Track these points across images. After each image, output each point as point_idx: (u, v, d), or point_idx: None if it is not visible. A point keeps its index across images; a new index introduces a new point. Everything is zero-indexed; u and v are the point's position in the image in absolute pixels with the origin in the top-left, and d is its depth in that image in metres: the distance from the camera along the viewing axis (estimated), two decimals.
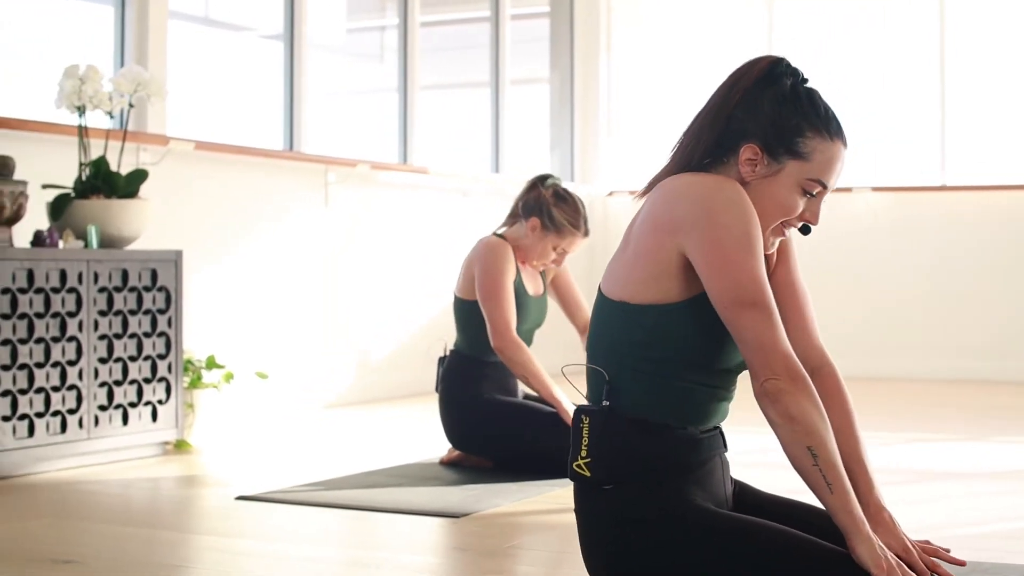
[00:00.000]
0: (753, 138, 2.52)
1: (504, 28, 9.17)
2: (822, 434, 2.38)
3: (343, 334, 7.46)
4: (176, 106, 6.74)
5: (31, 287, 4.85)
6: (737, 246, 2.41)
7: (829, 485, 2.38)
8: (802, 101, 2.54)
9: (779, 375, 2.38)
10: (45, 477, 4.85)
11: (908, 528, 3.84)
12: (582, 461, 2.53)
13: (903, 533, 2.55)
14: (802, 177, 2.52)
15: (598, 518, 2.55)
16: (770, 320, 2.40)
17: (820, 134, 2.53)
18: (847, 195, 8.96)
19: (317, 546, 3.75)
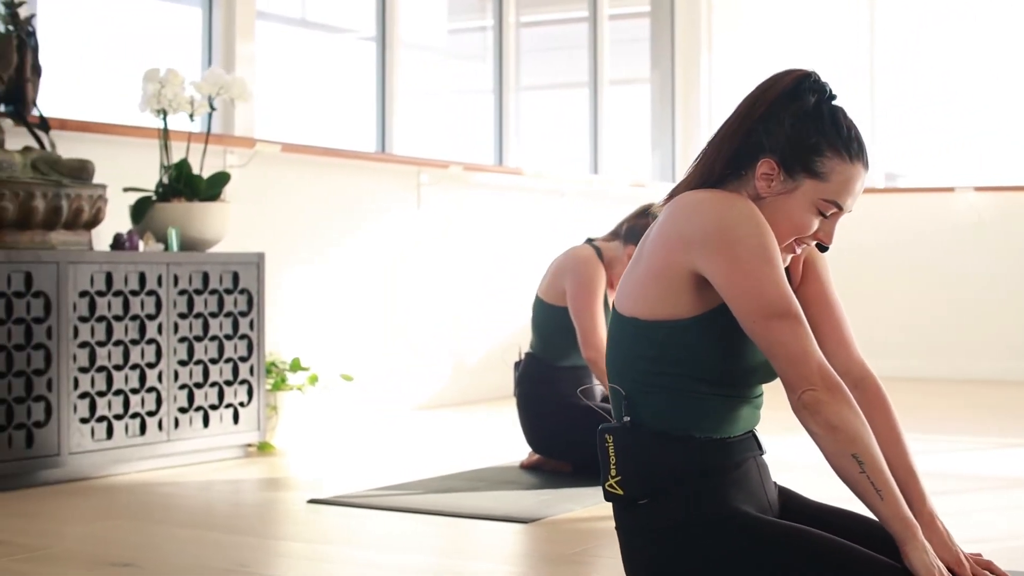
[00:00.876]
0: (771, 153, 2.46)
1: (602, 28, 9.10)
2: (866, 441, 2.31)
3: (436, 336, 7.43)
4: (269, 109, 6.76)
5: (109, 290, 4.87)
6: (756, 259, 2.35)
7: (879, 492, 2.31)
8: (824, 119, 2.47)
9: (816, 385, 2.32)
10: (124, 479, 4.87)
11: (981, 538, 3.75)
12: (613, 480, 2.49)
13: (957, 545, 2.45)
14: (818, 197, 2.46)
15: (638, 533, 2.50)
16: (800, 330, 2.34)
17: (839, 155, 2.45)
18: (949, 195, 8.78)
19: (380, 552, 3.71)
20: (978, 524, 4.04)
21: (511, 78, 8.34)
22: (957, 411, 7.13)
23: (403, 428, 6.50)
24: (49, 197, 4.76)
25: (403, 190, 7.23)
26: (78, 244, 4.91)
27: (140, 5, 6.37)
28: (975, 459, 5.46)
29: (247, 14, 6.32)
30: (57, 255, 4.71)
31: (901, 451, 2.54)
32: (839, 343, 2.62)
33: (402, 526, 4.05)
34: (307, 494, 4.56)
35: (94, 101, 6.03)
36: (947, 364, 8.74)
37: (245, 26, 6.32)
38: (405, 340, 7.23)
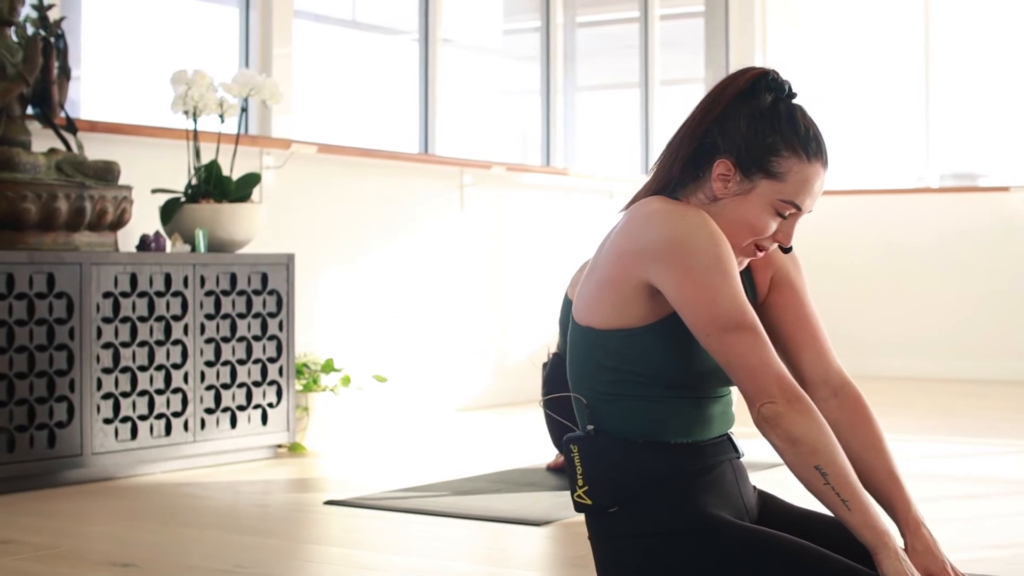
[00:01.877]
0: (727, 154, 2.40)
1: (653, 28, 9.05)
2: (829, 451, 2.25)
3: (479, 337, 7.41)
4: (310, 110, 6.78)
5: (134, 291, 4.89)
6: (709, 271, 2.30)
7: (845, 502, 2.26)
8: (781, 118, 2.40)
9: (774, 398, 2.26)
10: (148, 479, 4.89)
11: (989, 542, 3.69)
12: (581, 491, 2.44)
13: (943, 554, 2.39)
14: (775, 198, 2.39)
15: (610, 542, 2.45)
16: (756, 341, 2.28)
17: (796, 154, 2.38)
18: (1004, 195, 8.65)
19: (384, 554, 3.70)
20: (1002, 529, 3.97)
21: (558, 78, 8.31)
22: (995, 412, 7.02)
23: (438, 430, 6.49)
24: (72, 199, 4.79)
25: (446, 191, 7.21)
26: (103, 245, 4.93)
27: (181, 6, 6.40)
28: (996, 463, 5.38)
29: (284, 14, 6.34)
30: (80, 256, 4.73)
31: (883, 458, 2.49)
32: (816, 352, 2.55)
33: (411, 528, 4.03)
34: (329, 496, 4.55)
35: (136, 103, 6.06)
36: (1002, 366, 8.60)
37: (282, 27, 6.33)
38: (447, 342, 7.21)
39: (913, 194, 9.08)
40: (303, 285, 6.15)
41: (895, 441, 5.66)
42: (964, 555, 3.44)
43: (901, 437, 5.99)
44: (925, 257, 8.90)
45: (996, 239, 8.71)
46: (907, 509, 2.43)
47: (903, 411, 7.07)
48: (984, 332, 8.70)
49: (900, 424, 6.43)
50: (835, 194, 9.29)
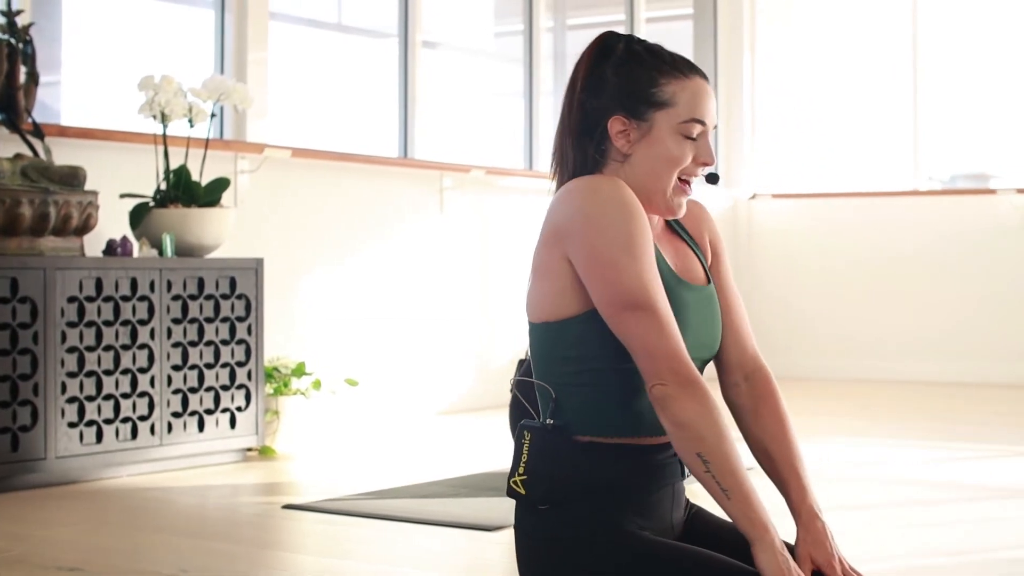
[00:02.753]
0: (612, 111, 2.40)
1: (639, 32, 9.05)
2: (713, 440, 2.25)
3: (459, 341, 7.43)
4: (287, 113, 6.80)
5: (99, 295, 4.92)
6: (614, 247, 2.29)
7: (725, 491, 2.25)
8: (642, 55, 2.41)
9: (665, 380, 2.26)
10: (113, 483, 4.92)
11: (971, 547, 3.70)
12: (519, 478, 2.43)
13: (834, 546, 2.40)
14: (675, 123, 2.38)
15: (534, 537, 2.45)
16: (654, 322, 2.28)
17: (674, 76, 2.39)
18: (991, 197, 8.66)
19: (340, 559, 3.72)
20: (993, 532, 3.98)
21: (541, 81, 8.33)
22: (988, 417, 7.02)
23: (414, 433, 6.50)
24: (36, 204, 4.82)
25: (426, 195, 7.23)
26: (68, 250, 4.96)
27: (160, 11, 6.43)
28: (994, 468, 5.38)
29: (260, 17, 6.36)
30: (44, 261, 4.77)
31: (786, 447, 2.49)
32: (734, 334, 2.55)
33: (368, 533, 4.05)
34: (292, 499, 4.58)
35: (115, 108, 6.09)
36: (989, 368, 8.61)
37: (258, 30, 6.35)
38: (426, 345, 7.23)
39: (901, 197, 9.08)
40: (278, 290, 6.18)
41: (888, 447, 5.69)
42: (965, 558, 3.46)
43: (891, 441, 6.01)
44: (916, 260, 8.90)
45: (985, 242, 8.71)
46: (802, 499, 2.44)
47: (892, 415, 7.08)
48: (975, 335, 8.70)
49: (888, 429, 6.44)
50: (825, 197, 9.31)
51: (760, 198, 9.52)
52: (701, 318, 2.44)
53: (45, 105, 5.84)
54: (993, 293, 8.68)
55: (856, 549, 3.75)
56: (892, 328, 8.93)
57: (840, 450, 5.72)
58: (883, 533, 3.98)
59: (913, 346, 8.84)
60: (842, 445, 5.89)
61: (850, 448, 5.82)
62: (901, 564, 3.55)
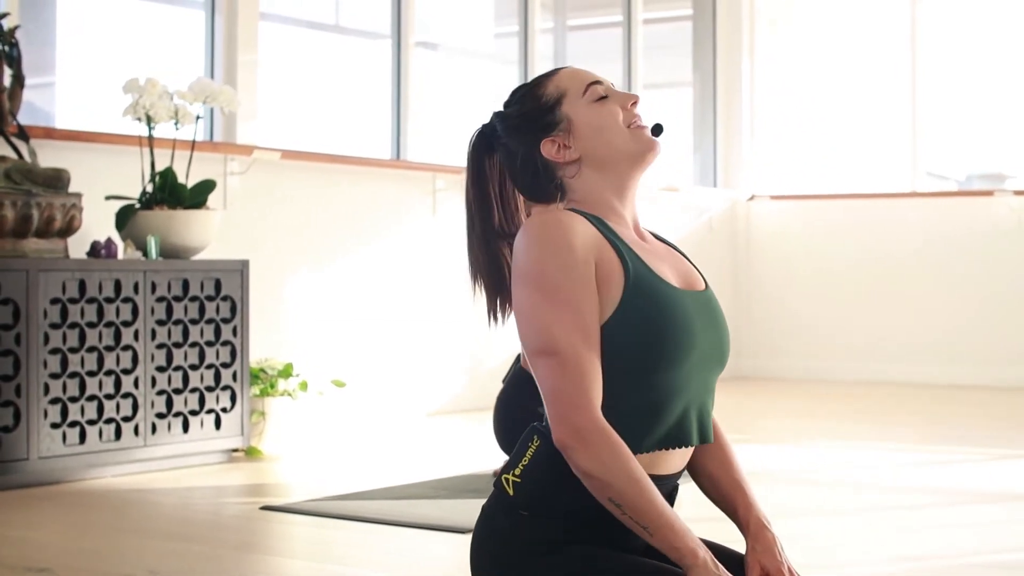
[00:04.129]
0: (535, 144, 2.45)
1: (637, 32, 9.06)
2: (620, 484, 2.24)
3: (452, 342, 7.44)
4: (280, 115, 6.82)
5: (83, 297, 4.94)
6: (531, 290, 2.31)
7: (645, 528, 2.26)
8: (513, 98, 2.50)
9: (564, 430, 2.26)
10: (96, 483, 4.94)
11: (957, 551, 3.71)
12: (512, 478, 2.43)
13: (783, 556, 2.41)
14: (580, 100, 2.44)
15: (499, 534, 2.44)
16: (560, 370, 2.27)
17: (543, 82, 2.48)
18: (988, 199, 8.65)
19: (312, 561, 3.74)
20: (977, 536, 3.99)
21: None
22: (982, 420, 7.02)
23: (402, 435, 6.52)
24: (19, 206, 4.84)
25: (418, 196, 7.25)
26: (52, 252, 4.99)
27: (153, 13, 6.45)
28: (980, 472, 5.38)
29: (250, 19, 6.37)
30: (27, 263, 4.79)
31: (727, 468, 2.50)
32: None
33: (337, 535, 4.07)
34: (272, 500, 4.60)
35: (106, 111, 6.11)
36: (985, 370, 8.60)
37: (248, 31, 6.37)
38: (418, 347, 7.25)
39: (899, 199, 9.07)
40: (267, 291, 6.20)
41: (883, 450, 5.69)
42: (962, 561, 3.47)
43: (887, 445, 6.01)
44: (913, 262, 8.90)
45: (982, 245, 8.71)
46: (748, 512, 2.45)
47: (888, 417, 7.08)
48: (972, 338, 8.69)
49: (883, 432, 6.45)
50: (823, 198, 9.30)
51: (758, 199, 9.52)
52: (705, 323, 2.41)
53: (38, 108, 5.87)
54: (990, 296, 8.67)
55: (848, 553, 3.77)
56: (889, 330, 8.93)
57: (836, 453, 5.72)
58: (877, 536, 3.99)
59: (910, 348, 8.84)
60: (838, 448, 5.89)
61: (847, 451, 5.82)
62: (896, 568, 3.56)
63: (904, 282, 8.91)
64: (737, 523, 2.47)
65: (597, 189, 2.45)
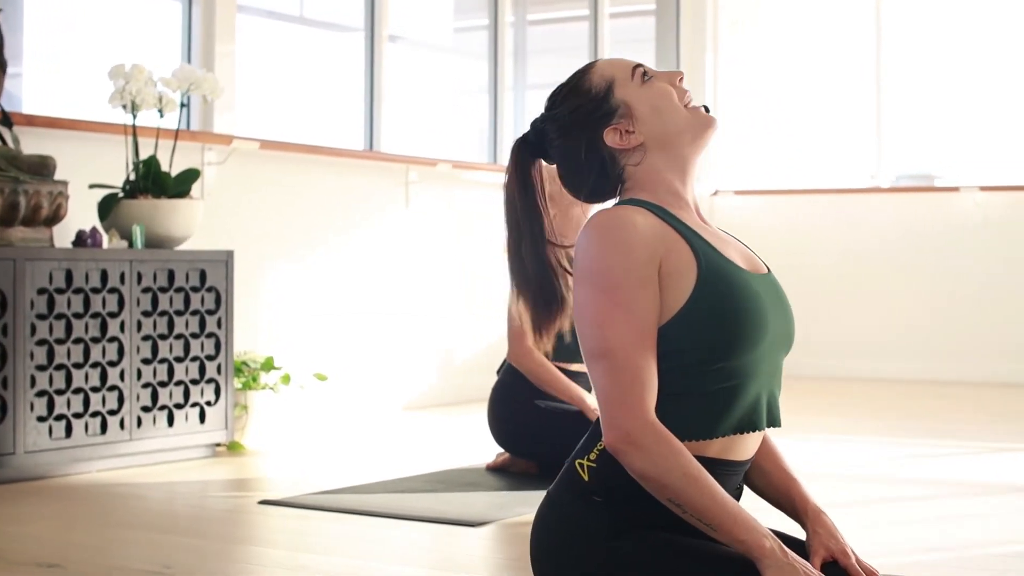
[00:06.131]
0: (597, 137, 2.43)
1: (603, 27, 9.03)
2: (677, 484, 2.22)
3: (425, 335, 7.38)
4: (256, 105, 6.73)
5: (69, 287, 4.84)
6: (589, 289, 2.29)
7: (709, 526, 2.24)
8: (559, 95, 2.49)
9: (615, 435, 2.24)
10: (82, 478, 4.84)
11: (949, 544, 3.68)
12: (587, 463, 2.38)
13: (844, 538, 2.42)
14: (629, 85, 2.43)
15: (572, 519, 2.38)
16: (612, 372, 2.25)
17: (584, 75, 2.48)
18: (954, 194, 8.69)
19: (316, 555, 3.66)
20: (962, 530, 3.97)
21: (506, 76, 8.29)
22: (954, 414, 7.04)
23: (382, 428, 6.45)
24: (6, 193, 4.73)
25: (391, 188, 7.18)
26: (38, 241, 4.88)
27: (119, 1, 6.34)
28: (963, 464, 5.37)
29: (227, 9, 6.28)
30: (14, 252, 4.68)
31: (775, 461, 2.51)
32: None
33: (351, 529, 3.99)
34: (265, 495, 4.52)
35: (78, 98, 6.00)
36: (951, 366, 8.64)
37: (225, 22, 6.28)
38: (394, 340, 7.18)
39: (865, 194, 9.09)
40: (245, 283, 6.10)
41: (852, 443, 5.67)
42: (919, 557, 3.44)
43: (857, 438, 5.99)
44: (878, 257, 8.92)
45: (949, 240, 8.74)
46: (805, 500, 2.47)
47: (860, 412, 7.08)
48: (937, 333, 8.72)
49: (856, 426, 6.44)
50: (788, 193, 9.31)
51: (722, 194, 9.51)
52: (775, 306, 2.40)
53: (9, 93, 5.75)
54: (955, 291, 8.71)
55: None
56: (854, 326, 8.95)
57: (807, 448, 5.69)
58: (855, 532, 3.96)
59: (875, 344, 8.86)
60: (807, 443, 5.87)
61: (816, 445, 5.80)
62: (879, 563, 3.53)
63: (869, 278, 8.93)
64: (793, 512, 2.49)
65: (660, 174, 2.44)
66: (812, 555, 2.37)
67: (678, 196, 2.44)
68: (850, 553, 2.38)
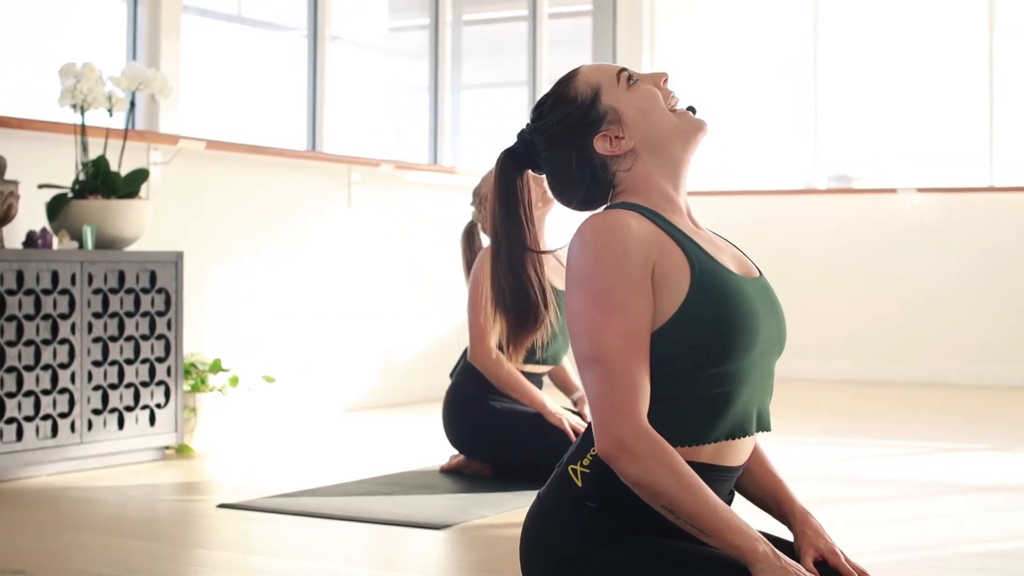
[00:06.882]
0: (587, 145, 2.42)
1: (542, 27, 9.04)
2: (671, 491, 2.21)
3: (366, 337, 7.36)
4: (198, 105, 6.68)
5: (20, 288, 4.78)
6: (582, 295, 2.27)
7: (703, 532, 2.24)
8: (544, 105, 2.47)
9: (607, 442, 2.23)
10: (34, 482, 4.78)
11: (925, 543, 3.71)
12: (581, 468, 2.37)
13: (830, 539, 2.44)
14: (616, 90, 2.41)
15: (564, 524, 2.38)
16: (605, 378, 2.24)
17: (569, 82, 2.46)
18: (891, 196, 8.78)
19: (285, 559, 3.64)
20: (914, 531, 4.00)
21: (446, 76, 8.28)
22: (894, 414, 7.10)
23: (327, 431, 6.43)
24: None
25: (333, 189, 7.15)
26: None
27: None
28: (914, 464, 5.42)
29: (173, 9, 6.23)
30: None
31: (762, 463, 2.53)
32: None
33: (311, 532, 3.97)
34: (221, 498, 4.48)
35: (21, 96, 5.93)
36: (890, 367, 8.72)
37: (171, 21, 6.22)
38: (335, 341, 7.15)
39: (800, 195, 9.16)
40: (190, 283, 6.05)
41: (796, 444, 5.71)
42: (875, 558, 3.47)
43: (801, 440, 6.03)
44: (815, 259, 8.99)
45: (884, 241, 8.82)
46: (792, 503, 2.49)
47: (803, 414, 7.12)
48: (876, 335, 8.80)
49: (800, 427, 6.48)
50: (724, 195, 9.35)
51: None
52: (767, 311, 2.40)
53: None
54: (893, 292, 8.79)
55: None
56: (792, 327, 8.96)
57: None
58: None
59: (814, 345, 8.92)
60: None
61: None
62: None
63: (807, 279, 8.99)
64: (779, 513, 2.51)
65: (652, 178, 2.43)
66: (802, 556, 2.39)
67: (671, 200, 2.44)
68: (839, 553, 2.41)
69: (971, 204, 8.71)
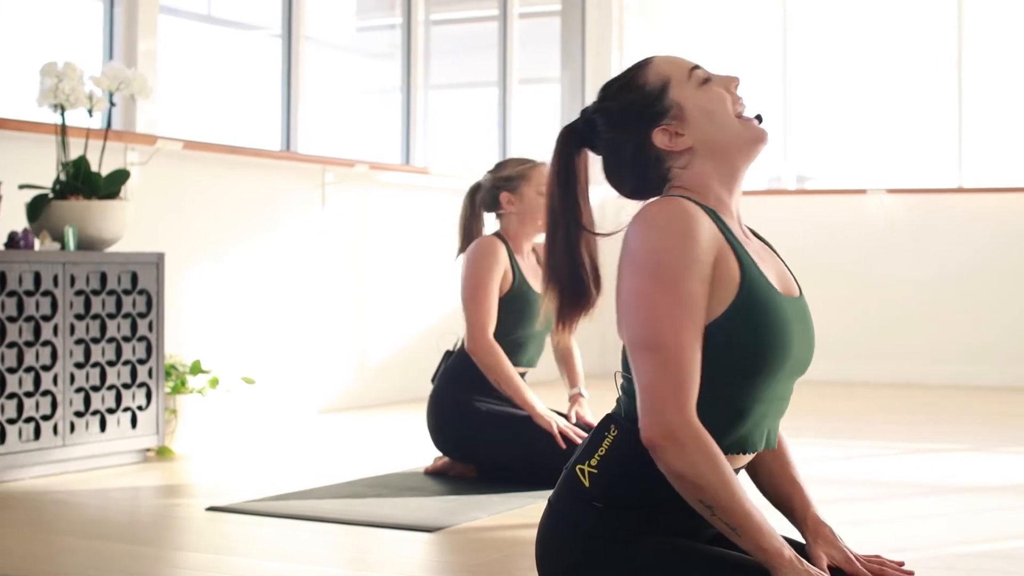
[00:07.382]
0: (647, 133, 2.41)
1: (512, 27, 9.04)
2: (713, 486, 2.21)
3: (340, 338, 7.34)
4: (173, 106, 6.64)
5: (3, 290, 4.74)
6: (645, 279, 2.24)
7: (734, 530, 2.24)
8: (612, 87, 2.47)
9: (654, 429, 2.21)
10: (17, 485, 4.74)
11: (907, 544, 3.72)
12: (588, 468, 2.37)
13: (845, 545, 2.46)
14: (686, 86, 2.43)
15: (573, 526, 2.38)
16: (662, 366, 2.21)
17: (638, 71, 2.45)
18: (861, 197, 8.82)
19: (278, 561, 3.62)
20: (900, 532, 4.02)
21: (419, 76, 8.26)
22: (866, 415, 7.14)
23: (307, 432, 6.40)
24: None
25: (308, 189, 7.12)
26: None
27: None
28: (889, 465, 5.45)
29: (150, 8, 6.19)
30: None
31: (785, 464, 2.54)
32: None
33: (302, 534, 3.95)
34: (206, 501, 4.46)
35: None
36: (857, 368, 8.76)
37: (148, 21, 6.18)
38: (310, 342, 7.12)
39: (770, 196, 9.18)
40: (169, 285, 6.01)
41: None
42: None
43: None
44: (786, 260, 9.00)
45: (855, 242, 8.86)
46: (806, 508, 2.50)
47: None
48: (847, 335, 8.84)
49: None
50: None
51: (623, 198, 9.53)
52: (801, 332, 2.40)
53: None
54: (860, 293, 8.83)
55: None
56: None
57: None
58: None
59: None
60: None
61: None
62: None
63: None
64: (791, 515, 2.53)
65: (707, 180, 2.41)
66: (815, 561, 2.40)
67: (725, 205, 2.42)
68: (853, 560, 2.42)
69: (940, 205, 8.76)
